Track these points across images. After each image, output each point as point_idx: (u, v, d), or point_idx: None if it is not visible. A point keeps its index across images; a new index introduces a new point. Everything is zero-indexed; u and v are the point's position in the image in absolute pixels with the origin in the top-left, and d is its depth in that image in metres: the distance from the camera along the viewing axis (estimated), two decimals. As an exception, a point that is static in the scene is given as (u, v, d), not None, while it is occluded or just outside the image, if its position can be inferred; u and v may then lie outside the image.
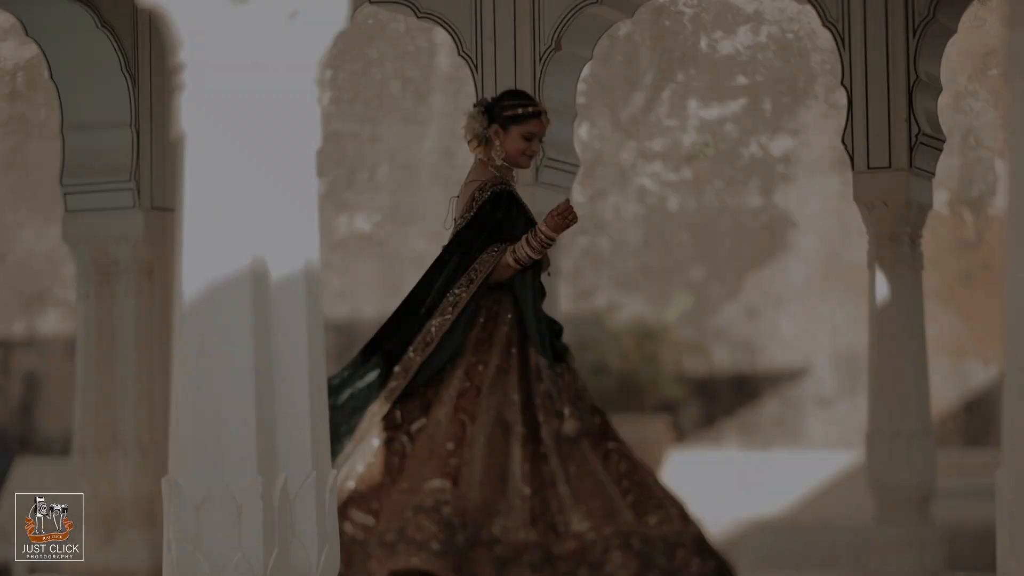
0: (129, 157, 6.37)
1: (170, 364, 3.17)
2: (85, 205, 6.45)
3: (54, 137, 7.64)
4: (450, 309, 5.11)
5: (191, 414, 3.01)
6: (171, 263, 6.11)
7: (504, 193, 5.18)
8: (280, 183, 3.05)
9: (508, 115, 5.19)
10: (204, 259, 2.99)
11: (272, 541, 2.99)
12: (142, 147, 6.41)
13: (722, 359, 11.86)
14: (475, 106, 5.29)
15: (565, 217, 5.07)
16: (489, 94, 6.04)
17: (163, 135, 6.38)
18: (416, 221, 11.50)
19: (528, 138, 5.18)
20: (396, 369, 5.09)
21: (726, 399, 11.88)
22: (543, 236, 5.09)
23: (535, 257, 5.11)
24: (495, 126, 5.20)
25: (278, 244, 3.04)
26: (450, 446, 4.98)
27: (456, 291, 5.12)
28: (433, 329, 5.11)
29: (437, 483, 4.92)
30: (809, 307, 11.56)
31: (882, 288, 6.04)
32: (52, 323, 11.94)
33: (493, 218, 5.15)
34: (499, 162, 5.21)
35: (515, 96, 5.34)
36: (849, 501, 9.55)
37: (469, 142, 5.28)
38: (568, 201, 5.15)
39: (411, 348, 5.10)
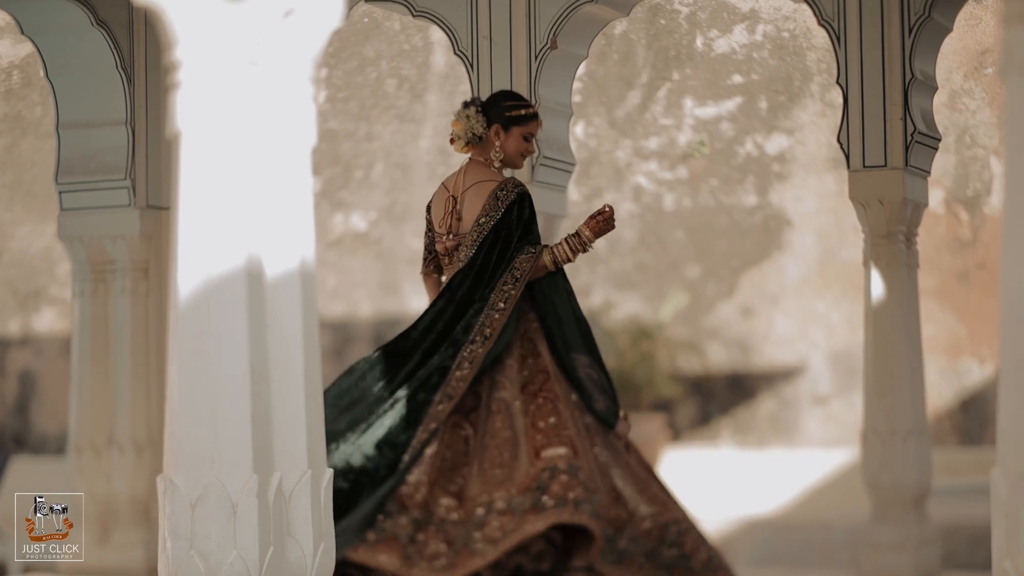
0: (124, 155, 6.37)
1: (165, 362, 3.17)
2: (80, 203, 6.44)
3: (49, 135, 7.62)
4: (501, 304, 5.23)
5: (186, 412, 3.01)
6: (166, 261, 6.11)
7: (527, 194, 5.33)
8: (275, 181, 3.05)
9: (512, 116, 5.32)
10: (199, 257, 2.99)
11: (267, 540, 2.99)
12: (137, 145, 6.41)
13: (717, 357, 11.86)
14: (469, 106, 5.34)
15: (608, 223, 5.24)
16: (476, 94, 6.06)
17: (158, 133, 6.38)
18: (411, 220, 11.50)
19: (527, 139, 5.31)
20: (459, 359, 5.19)
21: (721, 398, 11.88)
22: (585, 240, 5.24)
23: (572, 260, 5.26)
24: (495, 126, 5.30)
25: (273, 242, 3.04)
26: (552, 420, 5.15)
27: (505, 288, 5.22)
28: (492, 322, 5.20)
29: (561, 450, 5.10)
30: (804, 306, 11.57)
31: (878, 287, 6.04)
32: (48, 321, 11.93)
33: (522, 218, 5.26)
34: (497, 163, 5.33)
35: (514, 97, 5.46)
36: (844, 500, 9.56)
37: (456, 140, 5.33)
38: (612, 208, 5.29)
39: (470, 340, 5.19)
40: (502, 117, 5.32)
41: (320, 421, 3.14)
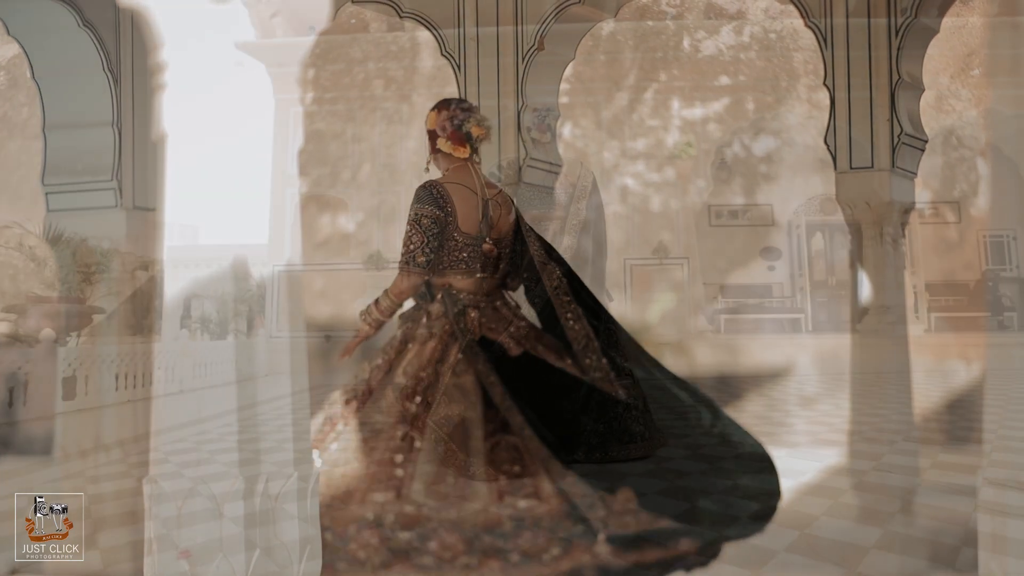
0: (111, 156, 6.36)
1: (152, 364, 3.16)
2: (67, 204, 6.44)
3: (36, 137, 7.61)
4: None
5: (173, 415, 3.01)
6: (152, 262, 6.10)
7: None
8: (262, 183, 3.05)
9: None
10: (186, 258, 2.99)
11: (253, 542, 2.99)
12: (124, 146, 6.40)
13: (705, 359, 11.86)
14: (475, 114, 5.30)
15: None
16: (463, 95, 6.06)
17: (145, 134, 6.37)
18: (398, 220, 11.49)
19: None
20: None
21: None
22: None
23: None
24: None
25: (260, 243, 3.04)
26: None
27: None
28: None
29: None
30: (792, 306, 11.57)
31: (864, 287, 6.05)
32: (35, 322, 11.89)
33: None
34: None
35: None
36: (831, 500, 9.56)
37: (477, 150, 5.30)
38: None
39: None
40: None
41: (307, 423, 3.14)
